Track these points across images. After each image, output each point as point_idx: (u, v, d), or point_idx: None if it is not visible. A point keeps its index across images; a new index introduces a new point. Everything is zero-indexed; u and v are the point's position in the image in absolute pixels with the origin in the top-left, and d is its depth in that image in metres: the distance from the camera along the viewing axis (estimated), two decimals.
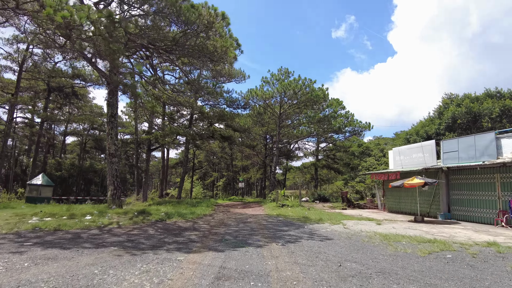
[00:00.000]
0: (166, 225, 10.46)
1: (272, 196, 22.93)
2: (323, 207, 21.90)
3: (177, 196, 32.38)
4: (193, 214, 15.00)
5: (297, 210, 18.62)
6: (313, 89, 28.39)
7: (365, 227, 11.41)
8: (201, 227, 10.27)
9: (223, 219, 13.73)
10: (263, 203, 24.60)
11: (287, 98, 29.64)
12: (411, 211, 17.54)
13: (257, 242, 7.52)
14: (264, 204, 23.51)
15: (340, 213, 18.06)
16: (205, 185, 71.25)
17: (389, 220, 14.80)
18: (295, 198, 21.81)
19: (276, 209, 19.46)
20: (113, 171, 14.34)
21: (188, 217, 13.32)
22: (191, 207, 20.41)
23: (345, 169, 44.78)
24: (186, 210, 17.21)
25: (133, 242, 7.25)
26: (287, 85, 26.86)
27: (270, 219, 13.71)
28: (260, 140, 40.07)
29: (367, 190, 23.24)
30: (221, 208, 22.19)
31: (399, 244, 7.86)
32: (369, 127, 38.48)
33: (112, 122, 14.54)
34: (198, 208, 19.52)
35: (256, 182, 60.77)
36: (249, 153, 42.65)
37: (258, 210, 20.04)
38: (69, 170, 53.89)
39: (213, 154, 59.76)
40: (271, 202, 22.48)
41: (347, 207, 21.66)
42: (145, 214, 12.22)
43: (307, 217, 14.77)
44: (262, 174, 42.27)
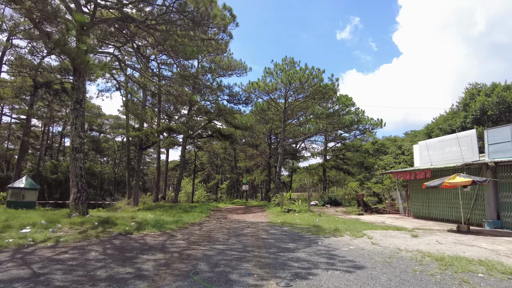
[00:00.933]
0: (127, 242, 7.60)
1: (277, 200, 19.98)
2: (335, 212, 18.86)
3: (173, 199, 29.61)
4: (177, 223, 12.14)
5: (305, 216, 15.63)
6: (321, 80, 25.42)
7: (399, 242, 8.40)
8: (173, 245, 7.38)
9: (213, 230, 10.83)
10: (267, 208, 21.65)
11: (293, 90, 26.69)
12: (444, 217, 14.41)
13: (244, 280, 4.59)
14: (267, 209, 20.56)
15: (357, 220, 15.03)
16: (208, 188, 68.51)
17: (422, 229, 11.75)
18: (303, 202, 18.83)
19: (281, 215, 16.49)
20: (77, 169, 11.57)
21: (167, 227, 10.44)
22: (182, 213, 17.59)
23: (356, 170, 41.66)
24: (171, 218, 14.39)
25: (36, 281, 4.39)
26: (292, 74, 23.93)
27: (273, 230, 10.76)
28: (264, 139, 37.14)
29: (385, 192, 20.17)
30: (218, 214, 19.30)
31: (476, 277, 4.87)
32: (381, 124, 35.41)
33: (77, 109, 11.80)
34: (190, 214, 16.68)
35: (261, 185, 57.81)
36: (253, 153, 39.75)
37: (259, 217, 17.09)
38: (65, 173, 51.60)
39: (215, 155, 56.99)
40: (276, 207, 19.53)
41: (363, 212, 18.59)
42: (108, 225, 9.39)
43: (319, 226, 11.79)
44: (267, 175, 39.30)
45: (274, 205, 20.06)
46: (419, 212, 16.29)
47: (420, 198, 16.19)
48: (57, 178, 49.76)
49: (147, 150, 51.87)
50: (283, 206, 17.90)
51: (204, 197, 55.01)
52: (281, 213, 17.10)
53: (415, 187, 16.57)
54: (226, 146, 53.16)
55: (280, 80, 24.62)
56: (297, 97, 27.95)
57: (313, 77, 25.23)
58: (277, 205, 19.60)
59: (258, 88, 26.40)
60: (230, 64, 28.36)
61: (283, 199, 18.30)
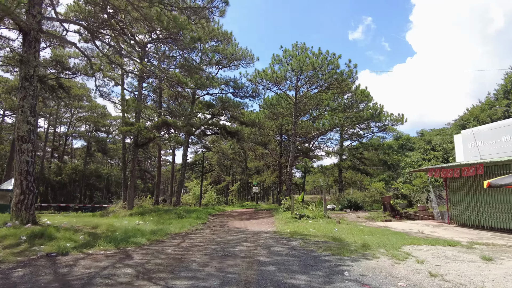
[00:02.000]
0: (37, 273, 4.88)
1: (286, 203, 16.99)
2: (357, 218, 15.75)
3: (175, 203, 27.04)
4: (155, 233, 9.41)
5: (321, 224, 12.64)
6: (337, 67, 22.34)
7: (472, 272, 5.35)
8: (108, 279, 4.58)
9: (196, 245, 8.00)
10: (276, 212, 18.72)
11: (305, 80, 23.70)
12: (504, 227, 11.14)
13: None
14: (276, 214, 17.61)
15: (387, 229, 11.95)
16: (219, 190, 66.07)
17: (483, 244, 8.60)
18: (317, 206, 15.81)
19: (291, 222, 13.54)
20: (23, 164, 9.01)
21: (133, 241, 7.68)
22: (174, 219, 14.90)
23: (374, 170, 38.44)
24: (155, 226, 11.70)
25: None
26: (303, 60, 20.96)
27: (277, 246, 7.85)
28: (274, 137, 34.20)
29: (416, 194, 16.91)
30: (218, 220, 16.49)
31: None
32: (402, 120, 32.07)
33: (26, 88, 9.25)
34: (182, 221, 13.96)
35: (272, 186, 54.87)
36: (262, 153, 36.85)
37: (265, 224, 14.18)
38: (70, 174, 50.10)
39: (224, 156, 54.35)
40: (285, 212, 16.57)
41: (391, 218, 15.40)
42: (42, 239, 6.71)
43: (341, 240, 8.82)
44: (278, 176, 36.31)
45: (283, 210, 17.09)
46: (463, 218, 13.02)
47: (465, 201, 12.92)
48: (61, 180, 48.25)
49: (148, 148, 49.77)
50: (293, 211, 14.93)
51: (214, 199, 52.55)
52: (292, 219, 14.14)
53: (458, 187, 13.31)
54: (235, 146, 50.54)
55: (290, 67, 21.67)
56: (310, 88, 24.93)
57: (328, 64, 22.18)
58: (287, 210, 16.62)
59: (265, 78, 23.52)
60: (235, 53, 25.62)
61: (294, 203, 15.32)
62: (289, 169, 23.25)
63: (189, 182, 59.96)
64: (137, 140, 23.02)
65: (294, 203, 15.23)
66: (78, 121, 55.51)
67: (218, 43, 26.14)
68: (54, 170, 48.50)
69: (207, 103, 22.46)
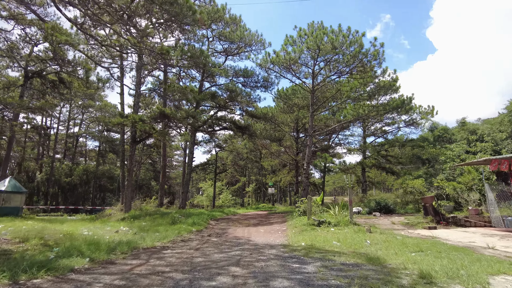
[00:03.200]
0: None
1: (302, 206, 13.96)
2: (392, 224, 12.54)
3: (180, 205, 24.59)
4: (114, 250, 6.73)
5: (347, 234, 9.62)
6: (361, 46, 19.15)
7: None
8: None
9: (153, 274, 5.22)
10: (290, 217, 15.76)
11: (323, 62, 20.64)
12: None
13: None
14: (290, 219, 14.64)
15: (437, 241, 8.81)
16: (235, 191, 63.59)
17: None
18: (340, 209, 12.73)
19: (308, 230, 10.57)
20: None
21: (64, 265, 5.01)
22: (164, 225, 12.29)
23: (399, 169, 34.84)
24: (133, 235, 9.10)
25: None
26: (321, 36, 17.90)
27: (284, 272, 4.96)
28: (289, 133, 31.15)
29: (464, 193, 13.46)
30: (220, 225, 13.72)
31: None
32: (433, 112, 28.37)
33: None
34: (170, 228, 11.30)
35: (289, 187, 51.77)
36: (277, 150, 33.89)
37: (274, 232, 11.25)
38: (81, 176, 48.98)
39: (238, 155, 51.64)
40: (301, 216, 13.57)
41: (436, 224, 12.09)
42: None
43: (380, 261, 5.82)
44: (294, 176, 33.23)
45: (298, 214, 14.06)
46: None
47: None
48: (71, 182, 47.16)
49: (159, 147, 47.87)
50: (311, 216, 11.92)
51: (229, 201, 50.12)
52: (308, 226, 11.15)
53: None
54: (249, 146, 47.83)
55: (305, 46, 18.63)
56: (329, 74, 21.80)
57: (350, 43, 19.03)
58: (303, 214, 13.60)
59: (277, 63, 20.57)
60: (243, 37, 22.85)
61: (311, 205, 12.28)
62: (306, 166, 20.19)
63: (203, 183, 57.80)
64: (135, 134, 20.69)
65: (311, 206, 12.21)
66: (91, 122, 54.59)
67: (224, 27, 23.46)
68: (64, 172, 47.44)
69: (211, 93, 19.82)
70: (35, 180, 44.40)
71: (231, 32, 22.62)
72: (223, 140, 48.88)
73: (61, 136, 54.73)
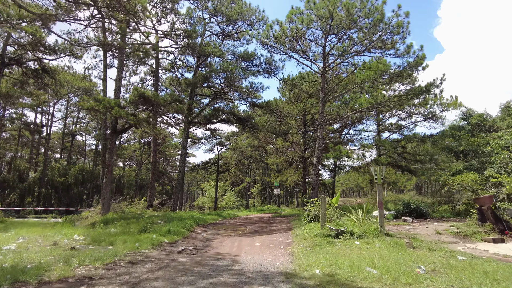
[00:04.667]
0: None
1: (313, 209, 10.66)
2: (437, 234, 9.19)
3: (171, 207, 21.53)
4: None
5: (382, 251, 6.37)
6: (382, 15, 15.85)
7: None
8: None
9: None
10: (297, 223, 12.50)
11: (336, 37, 17.40)
12: None
13: None
14: (297, 226, 11.38)
15: None
16: (239, 192, 60.46)
17: None
18: (364, 214, 9.43)
19: (322, 244, 7.34)
20: None
21: None
22: (130, 235, 9.21)
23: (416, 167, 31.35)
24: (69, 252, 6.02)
25: None
26: (334, 2, 14.63)
27: None
28: (295, 126, 27.85)
29: None
30: (203, 235, 10.53)
31: None
32: (456, 104, 24.94)
33: None
34: (134, 239, 8.22)
35: (296, 187, 48.45)
36: (282, 146, 30.64)
37: (274, 247, 7.99)
38: (76, 176, 46.41)
39: (242, 153, 48.43)
40: (311, 223, 10.29)
41: (499, 235, 8.73)
42: None
43: None
44: (302, 175, 29.90)
45: (307, 220, 10.76)
46: None
47: None
48: (65, 182, 44.54)
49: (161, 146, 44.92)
50: (325, 223, 8.67)
51: (233, 202, 47.12)
52: (322, 238, 7.92)
53: None
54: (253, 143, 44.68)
55: (315, 13, 15.35)
56: (342, 52, 18.47)
57: (370, 12, 15.75)
58: (314, 220, 10.32)
59: (281, 40, 17.33)
60: (242, 13, 19.70)
61: (325, 208, 9.01)
62: (315, 161, 16.90)
63: (204, 184, 54.85)
64: (116, 124, 17.69)
65: (325, 210, 8.93)
66: (90, 120, 51.92)
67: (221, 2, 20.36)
68: (58, 171, 44.87)
69: (204, 75, 16.70)
70: (27, 179, 41.91)
71: (228, 7, 19.49)
72: (225, 138, 45.86)
73: (59, 135, 52.33)
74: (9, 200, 38.85)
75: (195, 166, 47.40)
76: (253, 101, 20.98)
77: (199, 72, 18.15)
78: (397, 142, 30.41)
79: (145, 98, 14.73)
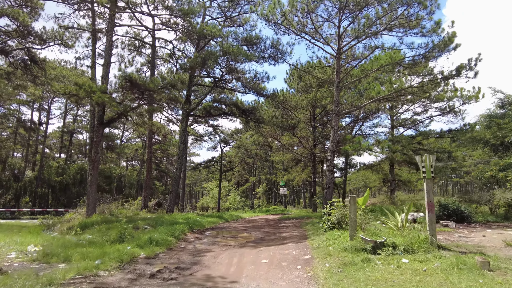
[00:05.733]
0: None
1: (335, 213, 8.35)
2: (505, 245, 6.88)
3: (167, 208, 19.41)
4: None
5: (451, 277, 4.08)
6: None
7: None
8: None
9: None
10: (312, 228, 10.25)
11: (352, 17, 15.16)
12: None
13: None
14: (312, 233, 9.12)
15: None
16: (244, 192, 58.20)
17: None
18: (406, 218, 7.15)
19: (357, 263, 5.09)
20: None
21: None
22: (100, 245, 7.04)
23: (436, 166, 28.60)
24: None
25: None
26: None
27: None
28: (303, 120, 25.56)
29: None
30: (197, 244, 8.34)
31: None
32: (478, 95, 22.61)
33: None
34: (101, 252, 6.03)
35: (303, 187, 46.11)
36: (289, 142, 28.37)
37: (289, 267, 5.74)
38: (74, 175, 44.65)
39: (246, 151, 46.17)
40: (333, 230, 8.01)
41: None
42: None
43: None
44: (311, 173, 27.59)
45: (328, 226, 8.49)
46: None
47: None
48: (62, 181, 42.75)
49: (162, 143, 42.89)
50: (356, 233, 6.41)
51: (238, 202, 44.92)
52: (355, 254, 5.69)
53: None
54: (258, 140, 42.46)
55: None
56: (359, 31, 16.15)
57: None
58: (337, 227, 8.04)
59: (289, 18, 15.07)
60: None
61: (356, 212, 6.75)
62: (329, 155, 14.62)
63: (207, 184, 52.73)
64: (102, 114, 15.60)
65: (355, 213, 6.68)
66: (83, 116, 50.11)
67: None
68: (55, 170, 43.10)
69: (202, 57, 14.51)
70: (22, 179, 40.22)
71: None
72: (228, 135, 43.68)
73: (59, 133, 50.63)
74: (3, 200, 37.07)
75: (197, 165, 45.23)
76: (257, 89, 18.75)
77: (195, 53, 15.99)
78: (412, 138, 28.17)
79: (132, 82, 12.61)
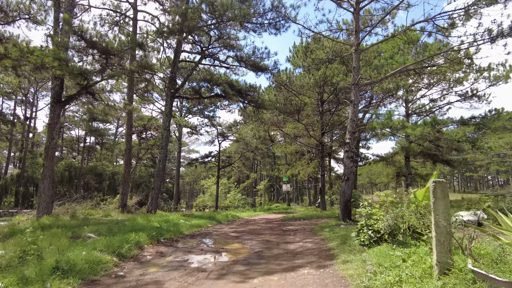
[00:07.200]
0: None
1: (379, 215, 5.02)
2: None
3: (148, 208, 16.09)
4: None
5: None
6: None
7: None
8: None
9: None
10: (331, 235, 6.89)
11: None
12: None
13: None
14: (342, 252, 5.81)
15: None
16: (244, 189, 54.74)
17: None
18: None
19: None
20: None
21: None
22: None
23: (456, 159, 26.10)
24: None
25: None
26: None
27: None
28: (310, 104, 22.10)
29: None
30: (152, 269, 4.98)
31: None
32: (508, 75, 19.55)
33: None
34: None
35: (308, 183, 42.74)
36: (293, 131, 24.93)
37: None
38: (62, 172, 41.52)
39: (246, 145, 42.81)
40: (379, 246, 4.70)
41: None
42: None
43: None
44: (319, 166, 24.23)
45: (367, 239, 5.13)
46: None
47: None
48: None
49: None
50: (454, 261, 3.02)
51: (238, 200, 41.41)
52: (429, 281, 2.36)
53: None
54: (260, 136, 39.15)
55: None
56: None
57: None
58: (389, 239, 4.73)
59: None
60: None
61: (449, 214, 3.40)
62: (348, 138, 11.24)
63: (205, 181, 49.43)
64: (60, 90, 12.26)
65: (449, 217, 3.32)
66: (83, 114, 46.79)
67: None
68: (39, 167, 39.91)
69: (182, 12, 11.05)
70: (2, 177, 37.13)
71: None
72: (226, 128, 40.25)
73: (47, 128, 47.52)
74: None
75: (193, 160, 41.86)
76: (254, 62, 15.37)
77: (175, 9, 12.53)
78: (431, 126, 24.74)
79: (85, 39, 9.25)
